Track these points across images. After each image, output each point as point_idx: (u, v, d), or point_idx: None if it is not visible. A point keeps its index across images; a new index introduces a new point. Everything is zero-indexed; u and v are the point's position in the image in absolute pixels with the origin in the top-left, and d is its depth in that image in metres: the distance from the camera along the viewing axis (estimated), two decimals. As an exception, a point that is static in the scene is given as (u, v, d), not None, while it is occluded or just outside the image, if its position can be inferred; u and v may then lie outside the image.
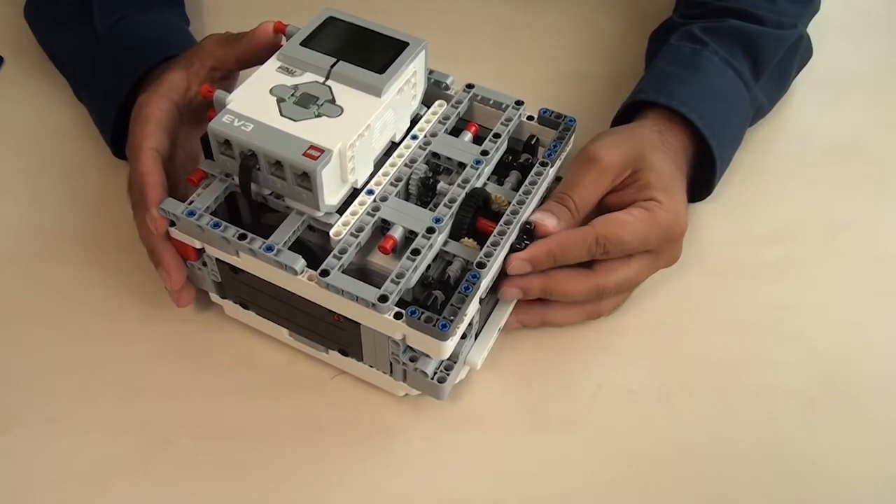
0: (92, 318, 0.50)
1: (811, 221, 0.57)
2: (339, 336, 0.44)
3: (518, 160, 0.49)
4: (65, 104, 0.61)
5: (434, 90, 0.49)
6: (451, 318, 0.39)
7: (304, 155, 0.40)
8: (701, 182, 0.55)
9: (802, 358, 0.50)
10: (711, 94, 0.54)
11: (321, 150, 0.40)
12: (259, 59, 0.47)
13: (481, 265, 0.42)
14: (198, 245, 0.44)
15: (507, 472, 0.45)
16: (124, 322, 0.50)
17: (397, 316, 0.40)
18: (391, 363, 0.44)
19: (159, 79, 0.49)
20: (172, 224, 0.44)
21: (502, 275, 0.45)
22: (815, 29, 0.62)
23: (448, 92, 0.50)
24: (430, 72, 0.49)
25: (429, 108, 0.49)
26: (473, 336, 0.45)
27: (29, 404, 0.47)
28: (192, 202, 0.43)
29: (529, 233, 0.45)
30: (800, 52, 0.61)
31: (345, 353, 0.46)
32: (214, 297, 0.49)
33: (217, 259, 0.44)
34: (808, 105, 0.64)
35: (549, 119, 0.49)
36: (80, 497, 0.44)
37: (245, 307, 0.48)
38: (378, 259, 0.43)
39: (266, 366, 0.48)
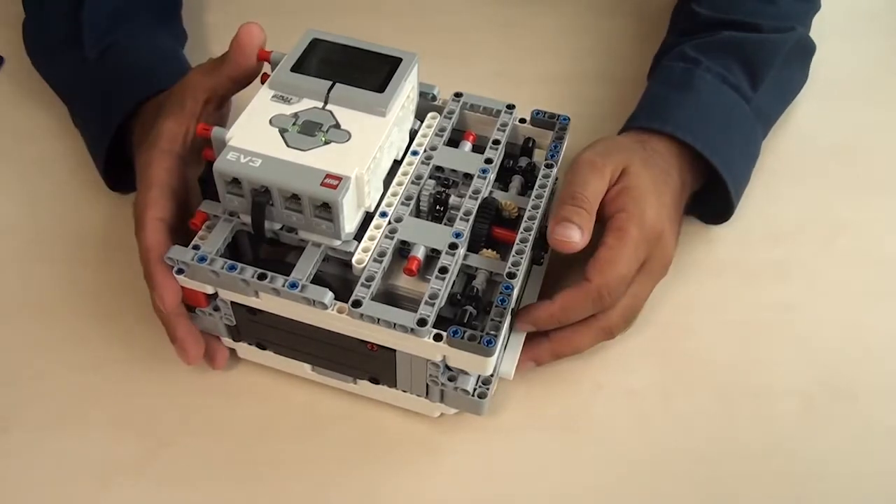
0: (92, 317, 0.50)
1: (812, 222, 0.57)
2: (371, 365, 0.43)
3: (518, 164, 0.48)
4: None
5: (421, 102, 0.48)
6: (494, 332, 0.39)
7: (322, 185, 0.38)
8: (717, 202, 0.54)
9: (803, 358, 0.50)
10: (706, 112, 0.53)
11: (339, 178, 0.38)
12: (252, 69, 0.45)
13: (511, 275, 0.41)
14: (210, 290, 0.42)
15: (506, 472, 0.45)
16: (124, 322, 0.50)
17: (437, 338, 0.39)
18: (427, 385, 0.43)
19: (157, 130, 0.46)
20: (180, 272, 0.41)
21: None
22: (815, 30, 0.62)
23: (435, 103, 0.49)
24: None
25: (422, 121, 0.47)
26: (503, 346, 0.44)
27: (29, 404, 0.47)
28: (197, 247, 0.41)
29: (545, 237, 0.46)
30: (801, 51, 0.60)
31: (376, 382, 0.45)
32: (227, 341, 0.47)
33: (232, 302, 0.42)
34: (809, 106, 0.64)
35: (542, 120, 0.49)
36: (80, 497, 0.44)
37: (262, 347, 0.46)
38: (403, 282, 0.42)
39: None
